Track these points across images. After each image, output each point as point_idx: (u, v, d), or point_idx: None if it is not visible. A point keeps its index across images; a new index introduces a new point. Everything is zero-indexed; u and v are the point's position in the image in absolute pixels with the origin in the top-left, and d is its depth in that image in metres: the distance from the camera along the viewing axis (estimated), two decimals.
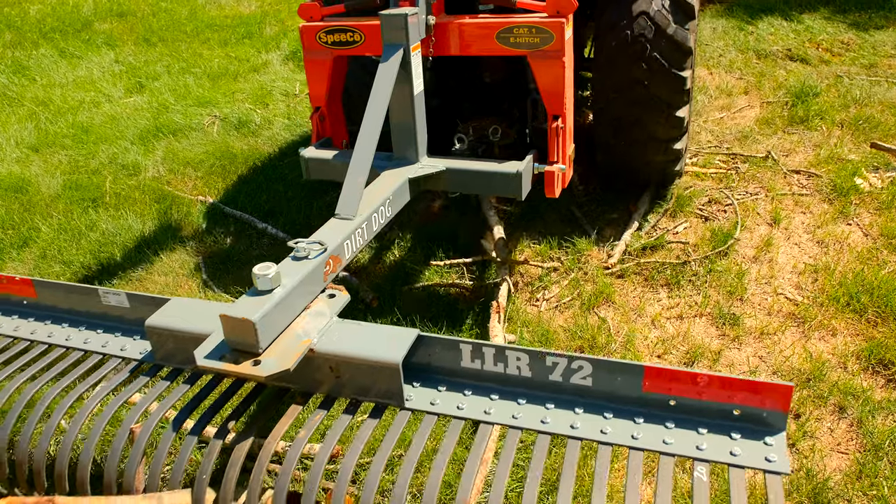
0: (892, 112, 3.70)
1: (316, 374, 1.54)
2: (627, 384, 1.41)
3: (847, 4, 5.21)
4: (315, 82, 2.48)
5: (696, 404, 1.36)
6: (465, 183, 2.34)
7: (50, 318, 1.97)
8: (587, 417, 1.41)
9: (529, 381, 1.48)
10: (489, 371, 1.51)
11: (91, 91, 4.55)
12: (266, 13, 5.67)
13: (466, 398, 1.50)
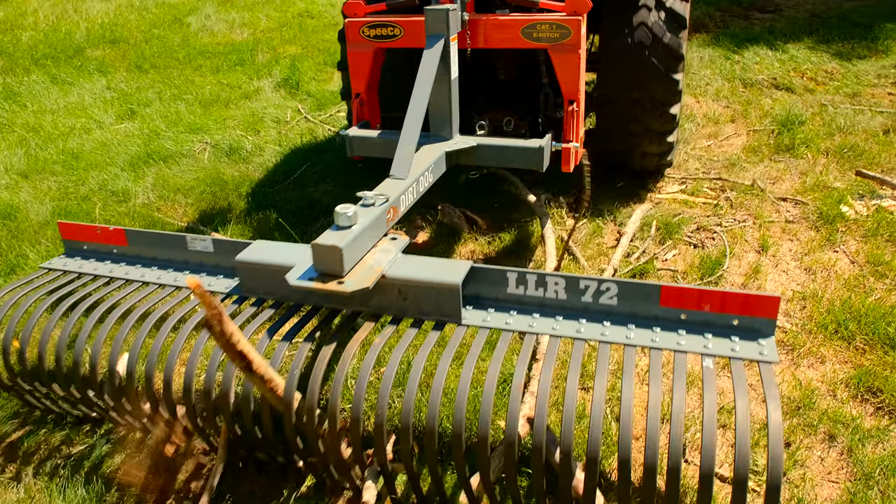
0: (875, 140, 3.76)
1: (386, 297, 1.85)
2: (647, 301, 1.74)
3: (830, 35, 5.31)
4: (356, 71, 2.83)
5: (703, 316, 1.70)
6: (493, 157, 2.67)
7: (139, 263, 2.25)
8: (614, 329, 1.74)
9: (565, 303, 1.81)
10: (531, 295, 1.83)
11: (82, 117, 4.56)
12: (258, 40, 5.71)
13: (512, 317, 1.82)
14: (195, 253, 2.18)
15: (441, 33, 2.50)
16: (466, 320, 1.82)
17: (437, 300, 1.81)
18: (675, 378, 1.53)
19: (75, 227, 2.33)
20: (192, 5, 6.54)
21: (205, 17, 6.22)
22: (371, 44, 2.76)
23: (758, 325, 1.66)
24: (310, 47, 5.50)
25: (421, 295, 1.82)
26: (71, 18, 6.31)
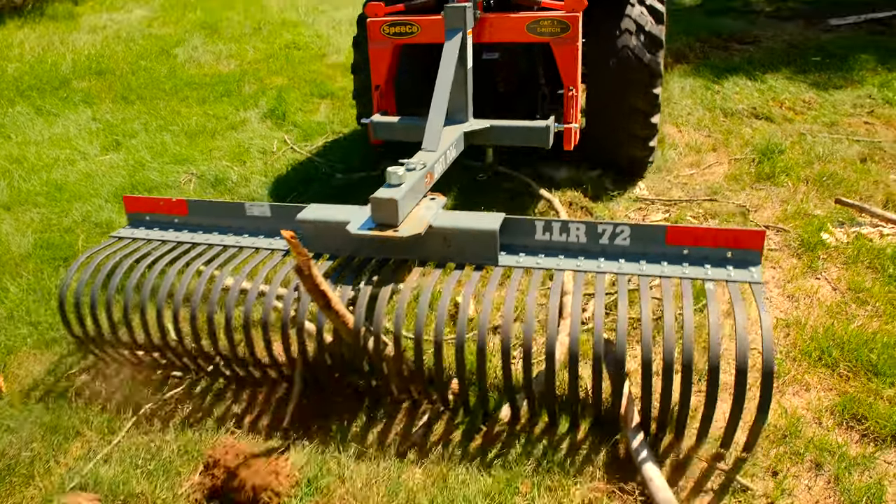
0: (853, 169, 3.82)
1: (431, 246, 2.21)
2: (655, 240, 2.11)
3: (807, 65, 5.43)
4: (377, 66, 3.15)
5: (702, 251, 2.07)
6: (505, 136, 3.03)
7: (200, 229, 2.55)
8: (628, 264, 2.11)
9: (585, 246, 2.18)
10: (556, 241, 2.19)
11: (66, 149, 4.55)
12: (245, 72, 5.75)
13: (541, 259, 2.18)
14: (252, 219, 2.50)
15: (459, 27, 2.84)
16: (502, 262, 2.17)
17: (476, 246, 2.18)
18: (685, 298, 1.92)
19: (139, 199, 2.66)
20: (180, 37, 6.58)
21: (192, 49, 6.26)
22: (391, 40, 3.09)
23: (748, 256, 2.05)
24: (296, 78, 5.54)
25: (463, 241, 2.19)
26: (57, 50, 6.32)
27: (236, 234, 2.50)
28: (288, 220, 2.40)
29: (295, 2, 7.58)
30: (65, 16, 7.28)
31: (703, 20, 6.78)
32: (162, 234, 2.56)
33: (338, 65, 5.80)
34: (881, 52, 5.64)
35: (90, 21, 7.09)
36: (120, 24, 6.95)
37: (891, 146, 4.11)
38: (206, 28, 6.78)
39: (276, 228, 2.44)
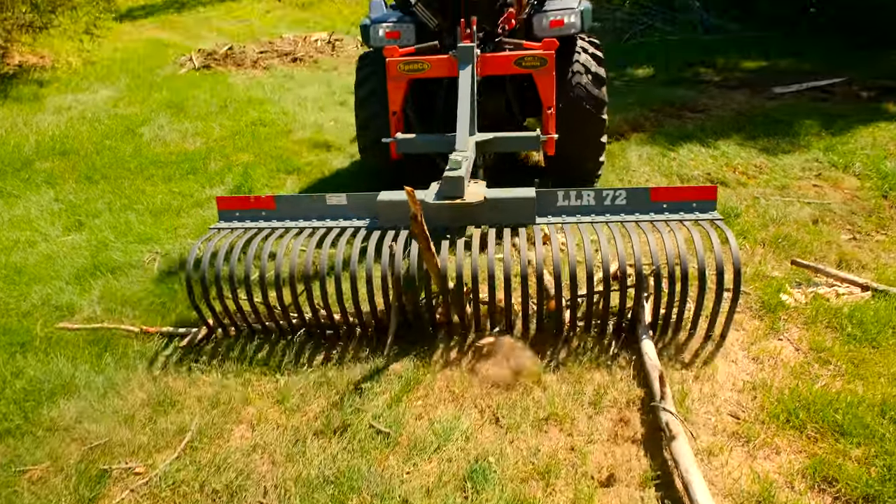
0: (806, 230, 3.96)
1: (484, 214, 3.00)
2: (643, 199, 3.01)
3: (756, 132, 5.67)
4: (394, 96, 3.82)
5: (675, 204, 2.99)
6: (506, 144, 3.82)
7: (287, 219, 3.18)
8: (628, 216, 2.99)
9: (594, 207, 3.03)
10: (573, 205, 3.03)
11: (27, 230, 4.48)
12: (211, 149, 5.79)
13: (564, 218, 3.03)
14: (331, 207, 3.17)
15: (468, 62, 3.61)
16: (538, 222, 3.01)
17: (519, 210, 2.99)
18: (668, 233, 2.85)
19: (231, 199, 3.29)
20: (146, 116, 6.63)
21: (158, 128, 6.30)
22: (405, 76, 3.77)
23: (706, 205, 3.01)
24: (262, 154, 5.59)
25: (509, 207, 2.99)
26: (20, 131, 6.31)
27: (319, 220, 3.17)
28: (361, 205, 3.16)
29: (261, 80, 7.73)
30: (30, 97, 7.30)
31: (656, 91, 7.08)
32: (255, 224, 3.18)
33: (304, 140, 5.88)
34: (824, 117, 5.93)
35: (55, 102, 7.12)
36: (85, 105, 6.98)
37: (840, 207, 4.27)
38: (172, 107, 6.85)
39: (350, 213, 3.17)
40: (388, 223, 3.05)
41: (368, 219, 3.15)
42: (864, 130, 5.57)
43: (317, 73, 8.09)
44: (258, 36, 9.84)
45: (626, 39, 9.50)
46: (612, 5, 11.14)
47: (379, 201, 3.06)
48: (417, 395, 2.78)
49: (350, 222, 3.14)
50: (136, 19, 11.11)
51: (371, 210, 3.12)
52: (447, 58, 3.72)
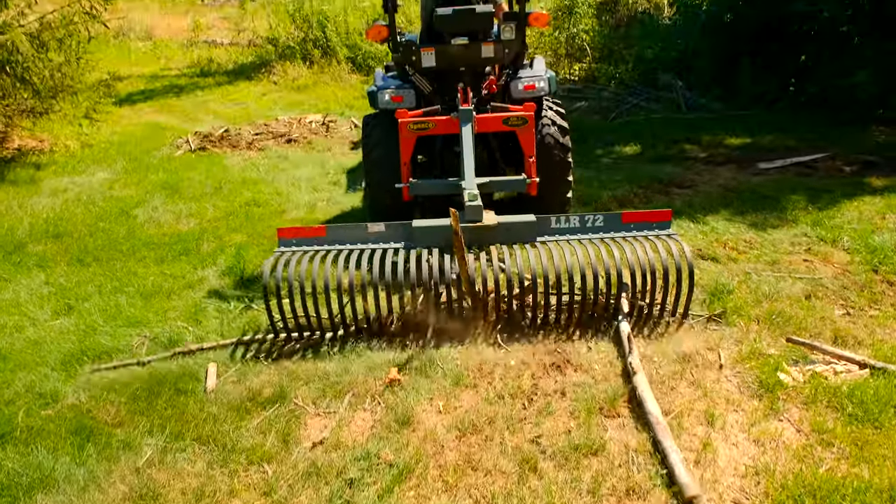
0: (800, 306, 3.95)
1: (496, 234, 3.90)
2: (616, 222, 3.93)
3: (744, 207, 5.75)
4: (405, 149, 4.58)
5: (641, 225, 3.90)
6: (499, 186, 4.86)
7: (336, 243, 3.93)
8: (604, 234, 3.90)
9: (579, 228, 3.95)
10: (563, 227, 3.94)
11: (15, 315, 4.43)
12: (204, 230, 5.81)
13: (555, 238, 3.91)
14: (372, 234, 3.93)
15: (468, 121, 4.47)
16: (538, 241, 3.93)
17: (522, 231, 3.94)
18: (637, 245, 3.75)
19: (290, 229, 4.03)
20: (140, 198, 6.68)
21: (152, 209, 6.34)
22: (414, 133, 4.57)
23: (663, 224, 3.94)
24: (256, 235, 5.61)
25: (516, 229, 3.94)
26: (15, 214, 6.34)
27: (363, 244, 3.92)
28: (397, 232, 3.95)
29: (255, 162, 7.85)
30: (26, 180, 7.37)
31: (644, 167, 7.21)
32: (311, 247, 3.91)
33: (297, 220, 5.92)
34: (810, 192, 6.03)
35: (52, 185, 7.18)
36: (81, 188, 7.04)
37: (832, 282, 4.29)
38: (167, 188, 6.92)
39: (389, 238, 3.95)
40: (422, 244, 3.88)
41: (403, 242, 3.93)
42: (849, 204, 5.66)
43: (311, 153, 8.24)
44: (254, 118, 10.07)
45: (612, 118, 9.76)
46: (597, 85, 11.50)
47: (415, 227, 3.92)
48: (409, 485, 2.69)
49: (388, 245, 3.92)
50: (136, 103, 11.36)
51: (405, 235, 3.94)
52: (448, 118, 4.58)
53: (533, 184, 4.63)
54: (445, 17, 4.73)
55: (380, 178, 4.92)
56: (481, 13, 4.74)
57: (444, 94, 4.91)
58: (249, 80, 13.01)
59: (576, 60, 12.71)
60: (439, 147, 5.12)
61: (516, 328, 3.86)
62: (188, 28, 17.40)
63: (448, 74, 4.89)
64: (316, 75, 12.70)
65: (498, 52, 4.83)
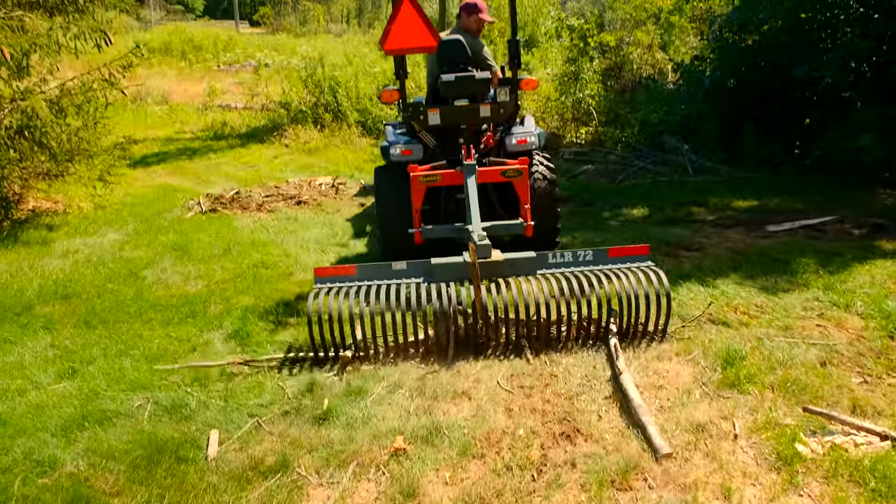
0: (815, 373, 3.86)
1: (502, 269, 4.53)
2: (603, 256, 4.56)
3: (753, 270, 5.71)
4: (416, 199, 5.20)
5: (624, 258, 4.54)
6: (501, 229, 5.27)
7: (365, 280, 4.50)
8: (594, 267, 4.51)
9: (572, 262, 4.57)
10: (558, 262, 4.56)
11: (18, 378, 4.39)
12: (212, 291, 5.80)
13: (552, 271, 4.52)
14: (396, 271, 4.54)
15: (472, 174, 5.11)
16: (537, 273, 4.49)
17: (524, 266, 4.54)
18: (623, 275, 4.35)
19: (326, 269, 4.62)
20: (150, 259, 6.71)
21: (161, 271, 6.36)
22: (424, 185, 5.21)
23: (643, 258, 4.54)
24: (263, 297, 5.60)
25: (519, 264, 4.53)
26: (25, 275, 6.37)
27: (388, 280, 4.51)
28: (417, 270, 4.55)
29: (265, 223, 7.92)
30: (38, 241, 7.44)
31: (652, 230, 7.21)
32: (344, 284, 4.48)
33: (304, 282, 5.91)
34: (820, 255, 5.99)
35: (63, 246, 7.24)
36: (92, 249, 7.09)
37: (847, 349, 4.20)
38: (176, 250, 6.96)
39: (410, 274, 4.55)
40: (439, 279, 4.42)
41: (423, 277, 4.51)
42: (861, 268, 5.61)
43: (320, 215, 8.31)
44: (265, 180, 10.22)
45: (619, 181, 9.85)
46: (604, 148, 11.66)
47: (433, 264, 4.51)
48: None
49: (410, 280, 4.50)
50: (150, 165, 11.57)
51: (424, 272, 4.53)
52: (453, 171, 5.22)
53: (529, 227, 5.23)
54: (449, 83, 5.47)
55: (390, 222, 5.60)
56: (480, 79, 5.51)
57: (447, 148, 5.63)
58: (262, 143, 13.27)
59: (582, 124, 12.94)
60: (444, 196, 5.78)
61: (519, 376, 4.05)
62: (204, 93, 17.91)
63: (450, 131, 5.60)
64: (327, 138, 12.95)
65: (494, 112, 5.57)
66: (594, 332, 4.34)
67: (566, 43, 14.41)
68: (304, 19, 47.25)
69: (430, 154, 5.65)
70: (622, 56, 16.49)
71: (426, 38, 5.07)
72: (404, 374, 4.18)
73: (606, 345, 4.22)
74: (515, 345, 4.35)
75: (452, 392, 3.96)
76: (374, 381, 4.14)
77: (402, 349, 4.34)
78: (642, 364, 4.16)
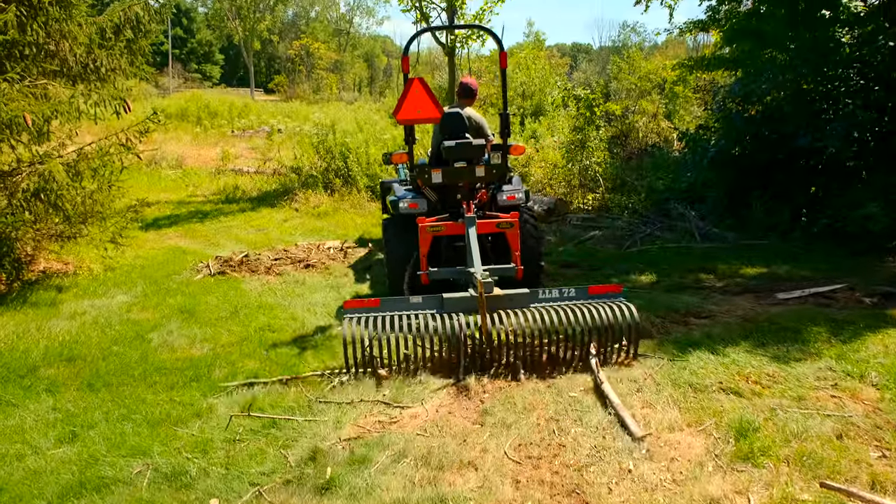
0: (831, 447, 3.76)
1: (502, 303, 5.25)
2: (584, 293, 5.42)
3: (764, 338, 5.64)
4: (423, 246, 6.07)
5: (602, 296, 5.38)
6: (496, 272, 5.75)
7: (388, 311, 5.24)
8: (579, 302, 5.31)
9: (558, 298, 5.41)
10: (547, 297, 5.40)
11: (18, 442, 4.33)
12: (217, 355, 5.77)
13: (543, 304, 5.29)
14: (413, 304, 5.31)
15: (472, 225, 5.97)
16: (531, 306, 5.20)
17: (520, 300, 5.27)
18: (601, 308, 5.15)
19: (354, 301, 5.32)
20: (157, 321, 6.71)
21: (167, 333, 6.35)
22: (430, 234, 6.12)
23: (618, 295, 5.40)
24: (268, 362, 5.56)
25: (515, 299, 5.26)
26: (32, 337, 6.36)
27: (406, 311, 5.26)
28: (431, 303, 5.34)
29: (273, 287, 7.93)
30: (47, 303, 7.46)
31: (660, 297, 7.17)
32: (370, 314, 5.22)
33: (311, 347, 5.88)
34: (831, 324, 5.92)
35: (71, 307, 7.26)
36: (99, 310, 7.11)
37: (863, 421, 4.10)
38: (184, 312, 6.96)
39: (425, 306, 5.30)
40: (450, 311, 5.20)
41: (436, 309, 5.27)
42: (873, 338, 5.53)
43: (328, 279, 8.32)
44: (274, 243, 10.30)
45: (626, 247, 9.86)
46: (611, 215, 11.74)
47: (445, 298, 5.32)
48: None
49: (426, 312, 5.24)
50: (161, 228, 11.72)
51: (437, 304, 5.32)
52: (455, 223, 6.14)
53: (519, 270, 6.11)
54: (450, 148, 6.46)
55: (397, 265, 6.51)
56: (476, 145, 6.50)
57: (447, 203, 6.62)
58: (272, 206, 13.45)
59: (589, 191, 13.08)
60: (444, 244, 6.61)
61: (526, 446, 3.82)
62: (217, 157, 18.30)
63: (450, 188, 6.60)
64: (336, 203, 13.12)
65: (488, 172, 6.53)
66: (578, 354, 5.10)
67: (573, 112, 14.75)
68: (317, 87, 48.73)
69: (432, 207, 6.54)
70: (628, 124, 16.83)
71: (432, 111, 6.04)
72: (409, 443, 4.10)
73: (588, 363, 5.08)
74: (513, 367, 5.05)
75: (458, 462, 3.87)
76: (379, 449, 4.06)
77: (421, 365, 5.10)
78: (655, 436, 4.07)
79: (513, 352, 5.04)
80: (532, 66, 25.22)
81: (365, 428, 4.39)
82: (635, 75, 22.45)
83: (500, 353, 5.10)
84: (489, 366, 5.08)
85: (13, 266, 7.83)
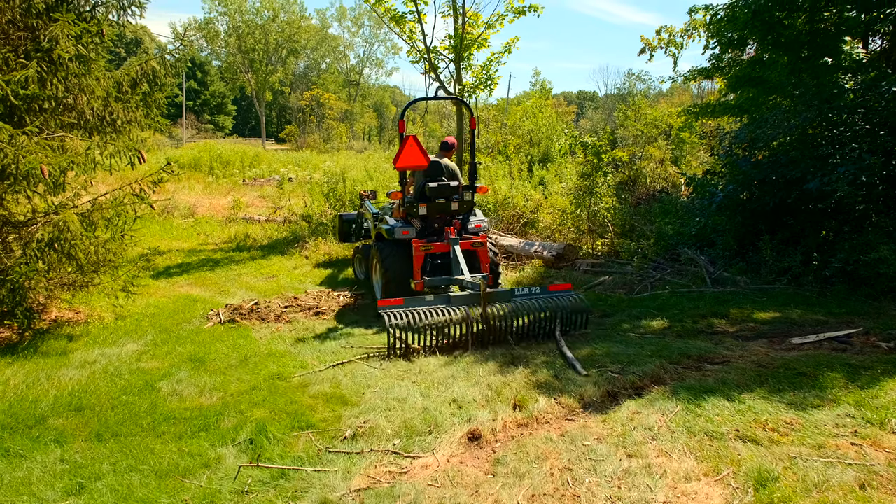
0: (854, 497, 3.66)
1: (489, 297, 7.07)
2: (545, 291, 7.56)
3: (780, 385, 5.55)
4: (417, 261, 8.06)
5: (557, 292, 7.57)
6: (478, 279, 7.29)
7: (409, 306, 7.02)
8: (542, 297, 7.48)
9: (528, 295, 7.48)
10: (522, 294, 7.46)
11: (24, 495, 4.28)
12: (227, 404, 5.73)
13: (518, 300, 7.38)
14: (427, 301, 7.06)
15: (456, 244, 8.13)
16: (511, 300, 7.28)
17: (502, 297, 7.30)
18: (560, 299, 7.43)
19: (385, 301, 7.01)
20: (166, 370, 6.70)
21: (176, 382, 6.32)
22: (423, 252, 8.10)
23: (571, 291, 7.61)
24: (277, 410, 5.51)
25: (499, 295, 7.31)
26: (42, 386, 6.35)
27: (423, 306, 6.93)
28: (442, 300, 7.09)
29: (283, 334, 7.92)
30: (58, 352, 7.47)
31: (673, 343, 7.10)
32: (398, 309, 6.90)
33: (320, 394, 5.84)
34: (847, 369, 5.83)
35: (82, 356, 7.26)
36: (109, 359, 7.10)
37: (885, 470, 4.00)
38: (193, 361, 6.95)
39: (437, 302, 7.02)
40: (456, 305, 7.02)
41: (445, 304, 7.03)
42: (892, 383, 5.43)
43: (339, 326, 8.31)
44: (284, 291, 10.33)
45: (636, 292, 9.82)
46: (621, 260, 11.72)
47: (452, 296, 7.10)
48: None
49: (438, 305, 6.99)
50: (172, 276, 11.78)
51: (446, 301, 7.06)
52: (441, 244, 8.23)
53: (489, 278, 8.14)
54: (433, 188, 8.61)
55: (392, 278, 8.34)
56: (453, 186, 8.68)
57: (428, 229, 8.63)
58: (282, 254, 13.53)
59: (598, 236, 13.09)
60: (430, 259, 8.47)
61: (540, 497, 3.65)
62: (228, 206, 18.51)
63: (431, 218, 8.67)
64: (346, 249, 13.18)
65: (460, 206, 8.70)
66: (547, 329, 7.21)
67: (580, 159, 14.88)
68: (327, 136, 49.57)
69: (417, 233, 8.45)
70: (635, 170, 16.95)
71: (421, 160, 8.32)
72: (420, 494, 4.02)
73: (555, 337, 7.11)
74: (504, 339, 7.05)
75: None
76: (389, 500, 3.98)
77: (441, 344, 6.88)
78: (669, 484, 3.97)
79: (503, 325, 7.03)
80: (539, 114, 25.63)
81: (375, 478, 4.31)
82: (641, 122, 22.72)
83: (495, 331, 7.00)
84: (487, 342, 6.95)
85: (25, 315, 7.86)
